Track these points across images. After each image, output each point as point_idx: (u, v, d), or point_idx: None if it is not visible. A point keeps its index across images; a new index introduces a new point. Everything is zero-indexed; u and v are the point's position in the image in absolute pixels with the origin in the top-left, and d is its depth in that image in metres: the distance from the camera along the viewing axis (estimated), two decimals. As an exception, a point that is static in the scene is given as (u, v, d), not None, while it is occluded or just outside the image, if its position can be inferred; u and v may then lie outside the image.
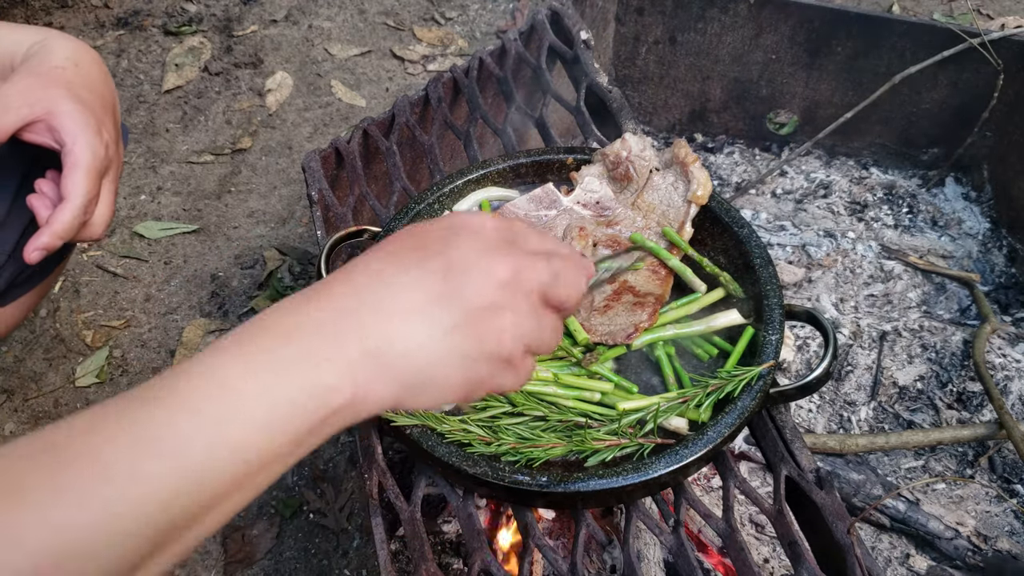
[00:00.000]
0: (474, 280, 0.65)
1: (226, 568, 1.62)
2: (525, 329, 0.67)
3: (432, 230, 0.69)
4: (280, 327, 0.61)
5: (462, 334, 0.64)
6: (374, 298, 0.64)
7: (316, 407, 0.59)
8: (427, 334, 0.63)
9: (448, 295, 0.64)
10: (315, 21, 2.90)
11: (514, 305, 0.66)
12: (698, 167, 1.22)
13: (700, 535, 1.37)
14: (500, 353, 0.66)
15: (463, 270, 0.65)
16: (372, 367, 0.62)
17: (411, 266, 0.65)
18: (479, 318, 0.65)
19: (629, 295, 1.17)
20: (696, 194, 1.21)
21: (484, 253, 0.67)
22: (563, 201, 1.25)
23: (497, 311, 0.65)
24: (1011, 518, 1.54)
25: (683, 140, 1.28)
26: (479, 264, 0.66)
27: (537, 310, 0.69)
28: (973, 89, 1.98)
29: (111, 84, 1.06)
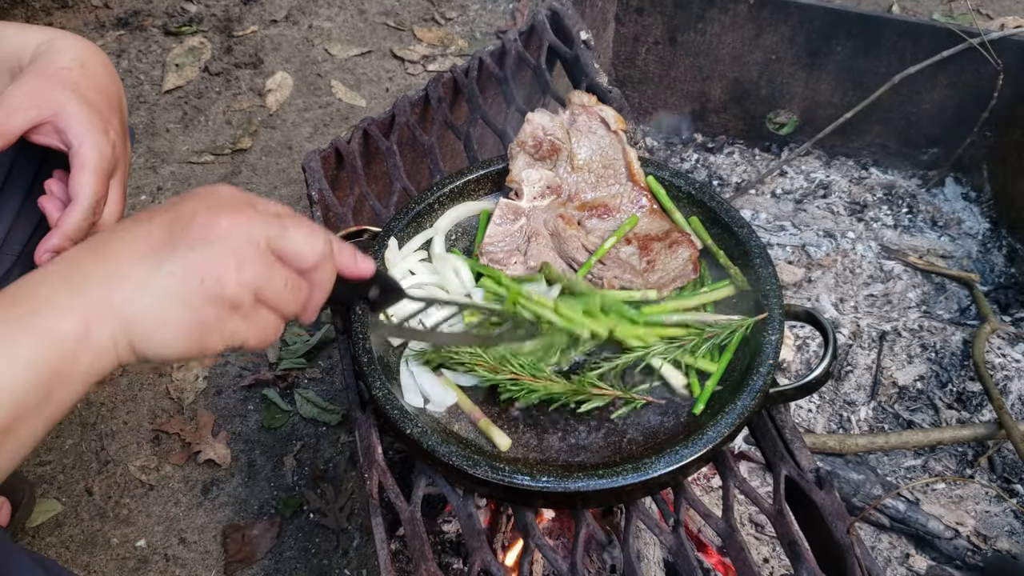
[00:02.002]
0: (196, 227, 0.68)
1: (226, 568, 1.62)
2: (248, 275, 0.68)
3: (173, 198, 0.73)
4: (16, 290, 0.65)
5: (182, 276, 0.66)
6: (99, 252, 0.68)
7: (52, 357, 0.62)
8: (147, 277, 0.66)
9: (170, 242, 0.67)
10: (315, 21, 2.91)
11: (236, 250, 0.68)
12: (599, 104, 1.31)
13: (700, 535, 1.37)
14: (223, 296, 0.67)
15: (188, 220, 0.68)
16: (96, 311, 0.65)
17: (142, 221, 0.70)
18: (199, 261, 0.67)
19: (655, 242, 1.21)
20: (616, 123, 1.29)
21: (211, 207, 0.70)
22: (523, 205, 1.26)
23: (218, 255, 0.67)
24: (1011, 518, 1.54)
25: (575, 91, 1.34)
26: (204, 215, 0.69)
27: (265, 259, 0.70)
28: (973, 89, 1.98)
29: (118, 83, 1.06)
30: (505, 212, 1.25)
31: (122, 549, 1.66)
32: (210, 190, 0.73)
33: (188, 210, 0.69)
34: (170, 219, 0.69)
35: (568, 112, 1.32)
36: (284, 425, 1.84)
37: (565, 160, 1.27)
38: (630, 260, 1.20)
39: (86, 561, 1.64)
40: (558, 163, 1.27)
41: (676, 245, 1.19)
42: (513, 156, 1.28)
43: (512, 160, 1.27)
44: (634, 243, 1.22)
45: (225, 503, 1.72)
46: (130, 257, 0.67)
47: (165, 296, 0.66)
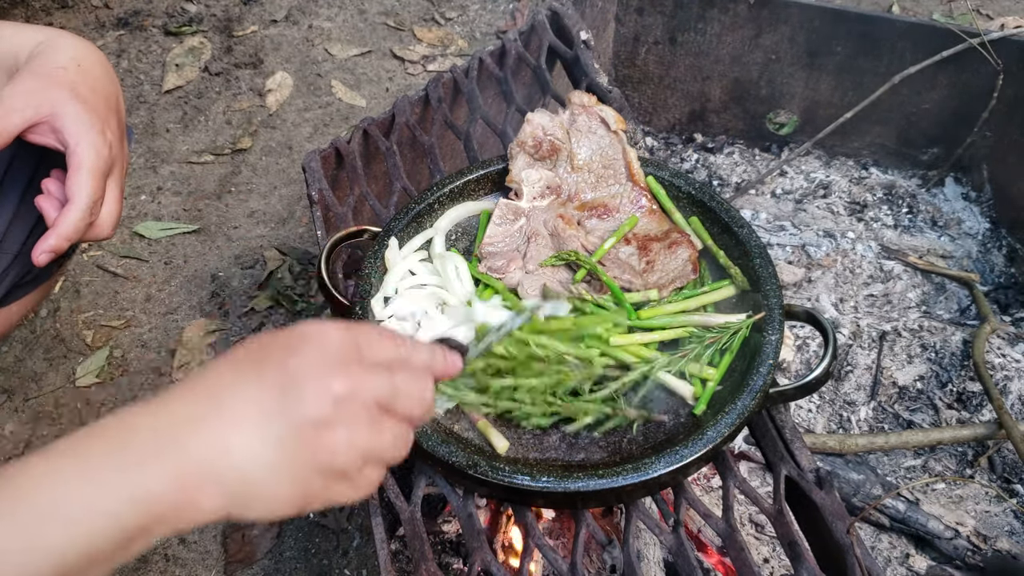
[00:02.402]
0: (308, 394, 0.65)
1: (226, 568, 1.62)
2: (360, 443, 0.67)
3: (278, 340, 0.70)
4: (114, 434, 0.62)
5: (293, 448, 0.65)
6: (209, 408, 0.64)
7: (137, 515, 0.60)
8: (259, 447, 0.64)
9: (282, 409, 0.65)
10: (315, 21, 2.91)
11: (349, 420, 0.67)
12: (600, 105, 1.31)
13: (700, 535, 1.37)
14: (333, 467, 0.67)
15: (299, 384, 0.65)
16: (199, 477, 0.62)
17: (250, 377, 0.66)
18: (312, 433, 0.65)
19: (654, 243, 1.21)
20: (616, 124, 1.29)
21: (322, 367, 0.67)
22: (522, 206, 1.26)
23: (330, 426, 0.66)
24: (1011, 518, 1.54)
25: (575, 91, 1.34)
26: (316, 378, 0.66)
27: (376, 422, 0.69)
28: (973, 89, 1.98)
29: (115, 83, 1.06)
30: (505, 212, 1.25)
31: (122, 549, 1.66)
32: (319, 336, 0.69)
33: (298, 370, 0.66)
34: (281, 381, 0.66)
35: (568, 112, 1.32)
36: (284, 425, 1.84)
37: (565, 160, 1.27)
38: (629, 260, 1.20)
39: (86, 561, 1.64)
40: (558, 163, 1.27)
41: (675, 245, 1.19)
42: (513, 156, 1.28)
43: (512, 160, 1.27)
44: (633, 243, 1.22)
45: (225, 503, 1.72)
46: (240, 423, 0.64)
47: (275, 469, 0.65)
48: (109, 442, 0.62)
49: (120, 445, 0.61)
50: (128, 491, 0.60)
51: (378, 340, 0.73)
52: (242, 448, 0.64)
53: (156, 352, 1.97)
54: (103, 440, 0.62)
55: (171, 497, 0.61)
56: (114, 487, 0.60)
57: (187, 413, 0.64)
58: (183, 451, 0.62)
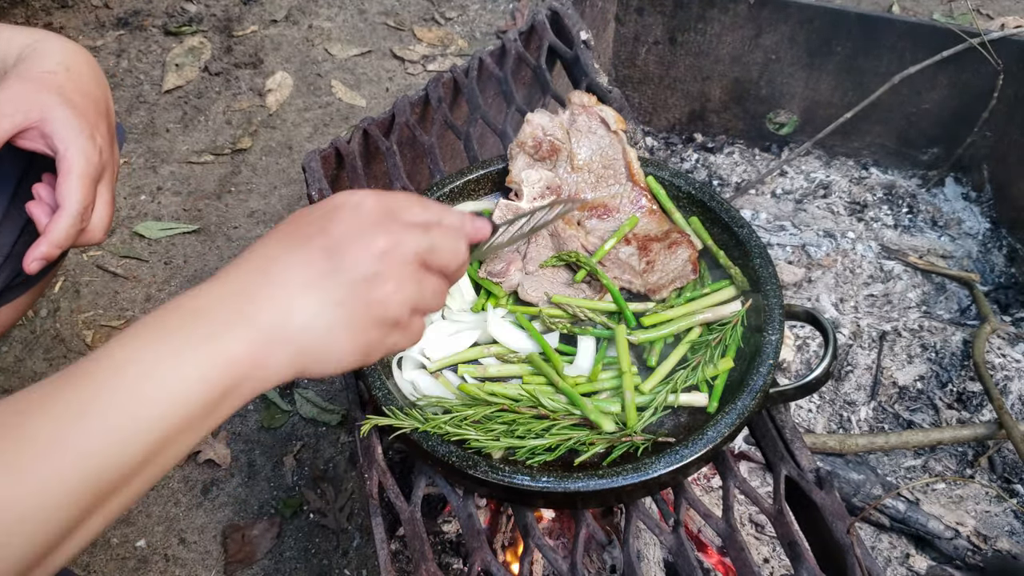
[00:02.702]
0: (354, 254, 0.72)
1: (226, 568, 1.62)
2: (407, 294, 0.74)
3: (316, 210, 0.76)
4: (190, 307, 0.68)
5: (351, 304, 0.71)
6: (267, 277, 0.70)
7: (222, 376, 0.66)
8: (319, 307, 0.70)
9: (333, 270, 0.71)
10: (315, 21, 2.91)
11: (394, 273, 0.73)
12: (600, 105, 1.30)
13: (700, 535, 1.37)
14: (387, 317, 0.73)
15: (344, 246, 0.72)
16: (271, 338, 0.68)
17: (297, 245, 0.72)
18: (363, 288, 0.72)
19: (654, 243, 1.21)
20: (616, 124, 1.28)
21: (363, 228, 0.73)
22: (522, 206, 1.26)
23: (379, 280, 0.72)
24: (1011, 518, 1.54)
25: (575, 91, 1.34)
26: (358, 239, 0.72)
27: (418, 275, 0.76)
28: (973, 89, 1.98)
29: (105, 86, 1.05)
30: (505, 213, 1.25)
31: (122, 549, 1.66)
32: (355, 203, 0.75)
33: (341, 234, 0.72)
34: (326, 244, 0.72)
35: (568, 112, 1.31)
36: (284, 425, 1.84)
37: (565, 160, 1.27)
38: (629, 260, 1.20)
39: (86, 561, 1.64)
40: (558, 163, 1.27)
41: (675, 246, 1.19)
42: (513, 157, 1.27)
43: (512, 161, 1.27)
44: (633, 243, 1.22)
45: (225, 503, 1.72)
46: (297, 286, 0.70)
47: (335, 324, 0.71)
48: (182, 318, 0.67)
49: (192, 319, 0.67)
50: (211, 356, 0.66)
51: (409, 204, 0.78)
52: (302, 309, 0.69)
53: (156, 352, 1.96)
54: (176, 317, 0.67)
55: (249, 359, 0.67)
56: (198, 354, 0.65)
57: (244, 287, 0.70)
58: (249, 319, 0.68)
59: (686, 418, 1.06)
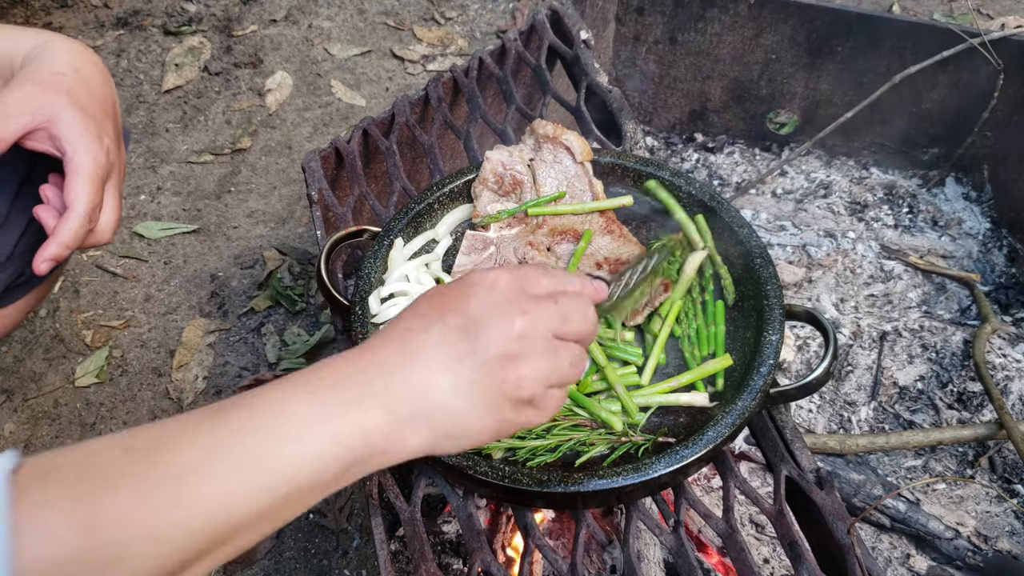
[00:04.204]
0: (491, 334, 0.73)
1: (226, 568, 1.62)
2: (542, 371, 0.75)
3: (452, 288, 0.77)
4: (338, 373, 0.71)
5: (486, 384, 0.72)
6: (406, 354, 0.72)
7: (360, 445, 0.68)
8: (454, 386, 0.72)
9: (469, 350, 0.72)
10: (315, 21, 2.90)
11: (529, 351, 0.74)
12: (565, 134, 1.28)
13: (700, 535, 1.37)
14: (521, 396, 0.74)
15: (480, 325, 0.73)
16: (407, 416, 0.70)
17: (434, 323, 0.74)
18: (499, 368, 0.73)
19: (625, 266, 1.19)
20: (583, 154, 1.27)
21: (498, 307, 0.74)
22: (491, 236, 1.26)
23: (514, 360, 0.73)
24: (1011, 518, 1.54)
25: (537, 120, 1.31)
26: (494, 318, 0.73)
27: (553, 349, 0.76)
28: (973, 89, 1.97)
29: (112, 87, 1.06)
30: (473, 243, 1.25)
31: (122, 549, 1.66)
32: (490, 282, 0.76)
33: (478, 312, 0.74)
34: (464, 324, 0.73)
35: (532, 142, 1.31)
36: (284, 425, 1.84)
37: (530, 192, 1.27)
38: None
39: (85, 561, 1.64)
40: (523, 195, 1.27)
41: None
42: (477, 195, 1.28)
43: (476, 199, 1.28)
44: (605, 267, 1.21)
45: (225, 503, 1.72)
46: (436, 364, 0.72)
47: (471, 403, 0.72)
48: (328, 380, 0.70)
49: (338, 383, 0.69)
50: (351, 421, 0.68)
51: (536, 277, 0.80)
52: (440, 388, 0.71)
53: (156, 352, 1.96)
54: (325, 376, 0.70)
55: (384, 433, 0.69)
56: (339, 415, 0.67)
57: (384, 359, 0.72)
58: (387, 394, 0.70)
59: (686, 418, 1.05)
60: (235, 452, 0.63)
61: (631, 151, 1.52)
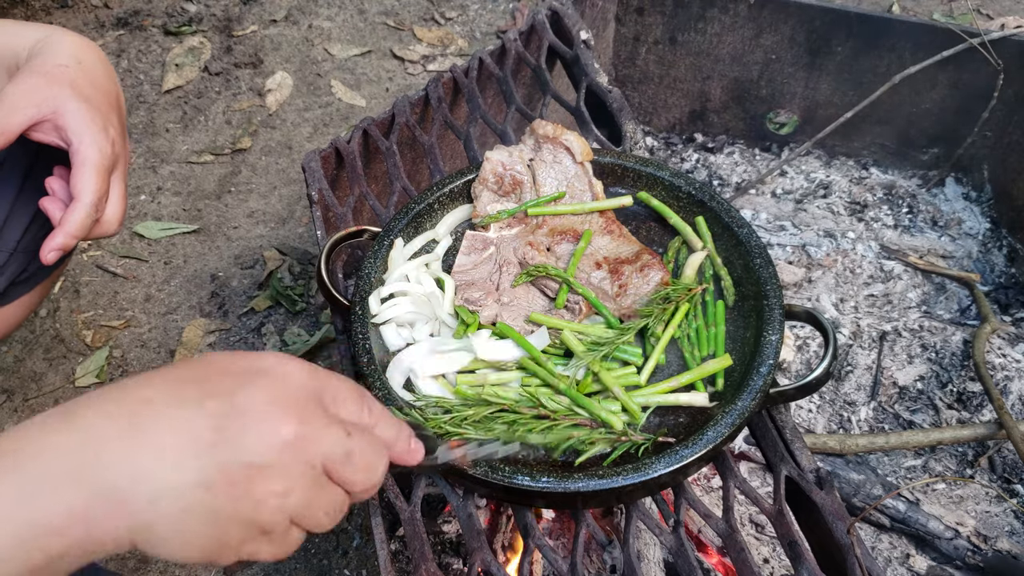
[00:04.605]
0: (251, 434, 0.58)
1: (226, 568, 1.62)
2: (294, 501, 0.61)
3: (235, 363, 0.63)
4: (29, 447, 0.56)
5: (217, 490, 0.57)
6: (130, 429, 0.57)
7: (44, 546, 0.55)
8: (178, 482, 0.57)
9: (216, 443, 0.58)
10: (315, 21, 2.91)
11: (288, 473, 0.60)
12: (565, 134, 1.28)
13: (700, 535, 1.37)
14: (256, 520, 0.59)
15: (244, 420, 0.59)
16: (107, 506, 0.56)
17: (187, 400, 0.59)
18: (242, 477, 0.58)
19: (625, 266, 1.19)
20: (582, 155, 1.27)
21: (275, 405, 0.60)
22: (491, 236, 1.26)
23: (265, 475, 0.59)
24: (1011, 518, 1.54)
25: (537, 120, 1.31)
26: (265, 419, 0.59)
27: (317, 483, 0.62)
28: (973, 89, 1.97)
29: (115, 80, 1.06)
30: (472, 243, 1.25)
31: (122, 549, 1.66)
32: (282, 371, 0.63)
33: (247, 404, 0.59)
34: (223, 410, 0.59)
35: (532, 142, 1.31)
36: (284, 425, 1.84)
37: (530, 192, 1.27)
38: (602, 285, 1.19)
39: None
40: (523, 196, 1.27)
41: (647, 268, 1.18)
42: (477, 195, 1.28)
43: (476, 199, 1.28)
44: (605, 267, 1.21)
45: (225, 503, 1.72)
46: (163, 451, 0.57)
47: (192, 510, 0.57)
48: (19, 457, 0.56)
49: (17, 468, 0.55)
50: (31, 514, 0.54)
51: (344, 395, 0.66)
52: (158, 480, 0.56)
53: (156, 352, 1.96)
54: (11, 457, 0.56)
55: (74, 531, 0.55)
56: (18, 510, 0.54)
57: (103, 430, 0.57)
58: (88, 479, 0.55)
59: (686, 418, 1.06)
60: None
61: (631, 151, 1.52)
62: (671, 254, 1.22)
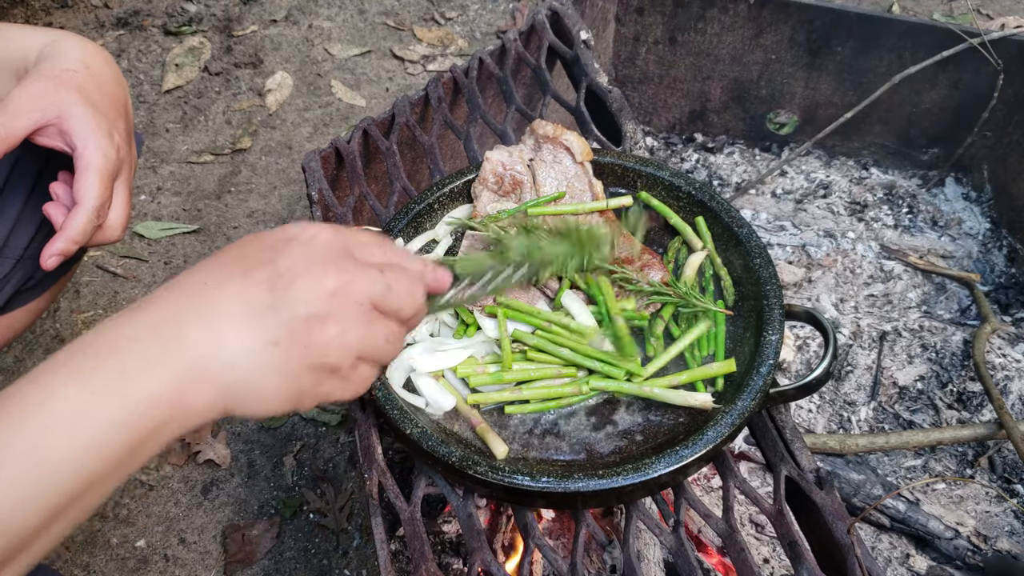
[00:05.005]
0: (300, 290, 0.65)
1: (226, 568, 1.62)
2: (353, 339, 0.67)
3: (264, 239, 0.69)
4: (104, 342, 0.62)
5: (286, 345, 0.64)
6: (196, 308, 0.64)
7: (141, 420, 0.60)
8: (250, 344, 0.63)
9: (272, 305, 0.64)
10: (315, 21, 2.91)
11: (341, 315, 0.66)
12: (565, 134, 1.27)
13: (700, 535, 1.37)
14: (325, 363, 0.66)
15: (290, 280, 0.65)
16: (193, 377, 0.62)
17: (236, 275, 0.66)
18: (303, 329, 0.65)
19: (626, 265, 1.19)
20: (583, 155, 1.26)
21: (314, 263, 0.66)
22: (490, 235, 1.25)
23: (322, 322, 0.65)
24: (1011, 518, 1.54)
25: (537, 120, 1.31)
26: (307, 274, 0.65)
27: (369, 319, 0.69)
28: (973, 89, 1.98)
29: (123, 85, 1.06)
30: (473, 243, 1.25)
31: (122, 549, 1.66)
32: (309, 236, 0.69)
33: (288, 266, 0.66)
34: (270, 276, 0.65)
35: (532, 142, 1.31)
36: (284, 425, 1.84)
37: (530, 192, 1.27)
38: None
39: (86, 561, 1.64)
40: (523, 196, 1.27)
41: (647, 268, 1.18)
42: (477, 195, 1.28)
43: (476, 199, 1.28)
44: None
45: (225, 503, 1.72)
46: (230, 319, 0.64)
47: (266, 365, 0.64)
48: (99, 351, 0.61)
49: (111, 353, 0.61)
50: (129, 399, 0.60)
51: (367, 243, 0.73)
52: (233, 345, 0.63)
53: (156, 352, 1.96)
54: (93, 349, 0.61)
55: (170, 400, 0.61)
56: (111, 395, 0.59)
57: (173, 314, 0.63)
58: (172, 353, 0.62)
59: (686, 418, 1.06)
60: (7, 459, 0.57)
61: (631, 151, 1.52)
62: (671, 254, 1.22)
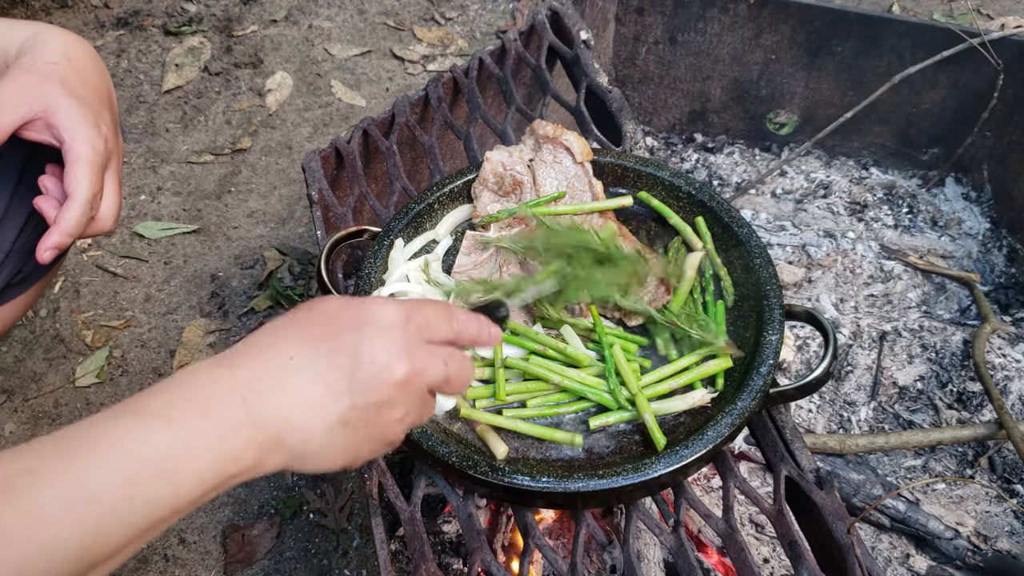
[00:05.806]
0: (376, 379, 0.73)
1: (226, 568, 1.62)
2: (412, 419, 0.78)
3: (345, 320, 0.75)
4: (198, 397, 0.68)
5: (354, 425, 0.73)
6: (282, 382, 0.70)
7: (217, 477, 0.67)
8: (325, 423, 0.71)
9: (349, 391, 0.72)
10: (315, 21, 2.91)
11: (406, 402, 0.75)
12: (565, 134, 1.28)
13: (700, 535, 1.37)
14: (383, 439, 0.76)
15: (367, 368, 0.72)
16: (273, 447, 0.70)
17: (321, 356, 0.72)
18: (373, 414, 0.73)
19: None
20: (583, 155, 1.27)
21: (389, 352, 0.74)
22: (490, 236, 1.26)
23: (390, 408, 0.74)
24: (1011, 518, 1.54)
25: (537, 120, 1.31)
26: (384, 364, 0.73)
27: (425, 400, 0.79)
28: (973, 89, 1.98)
29: (106, 75, 1.06)
30: (472, 243, 1.25)
31: (122, 549, 1.66)
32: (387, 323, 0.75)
33: (369, 356, 0.72)
34: (350, 364, 0.72)
35: (532, 142, 1.31)
36: (284, 425, 1.84)
37: (530, 192, 1.27)
38: None
39: (86, 561, 1.64)
40: (523, 196, 1.27)
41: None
42: (477, 195, 1.28)
43: (476, 199, 1.28)
44: None
45: (225, 503, 1.72)
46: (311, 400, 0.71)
47: (335, 440, 0.72)
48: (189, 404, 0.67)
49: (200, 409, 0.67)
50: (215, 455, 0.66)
51: (435, 320, 0.80)
52: (310, 422, 0.71)
53: (156, 352, 1.96)
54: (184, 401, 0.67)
55: (248, 460, 0.68)
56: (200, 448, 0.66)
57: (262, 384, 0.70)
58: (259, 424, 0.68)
59: (686, 418, 1.06)
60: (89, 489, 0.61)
61: (631, 151, 1.52)
62: (671, 254, 1.22)
